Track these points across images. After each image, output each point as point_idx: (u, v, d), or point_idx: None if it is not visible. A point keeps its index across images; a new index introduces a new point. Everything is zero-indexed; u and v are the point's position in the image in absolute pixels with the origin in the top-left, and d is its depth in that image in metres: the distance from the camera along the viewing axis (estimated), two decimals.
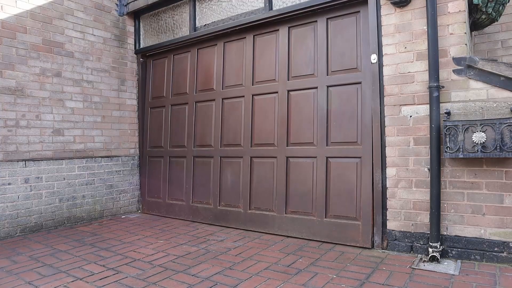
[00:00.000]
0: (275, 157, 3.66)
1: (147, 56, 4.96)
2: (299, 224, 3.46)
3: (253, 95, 3.85)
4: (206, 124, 4.23)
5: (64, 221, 4.14)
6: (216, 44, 4.21)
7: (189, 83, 4.45)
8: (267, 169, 3.72)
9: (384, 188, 3.03)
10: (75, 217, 4.24)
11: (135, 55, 4.94)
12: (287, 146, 3.59)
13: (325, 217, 3.31)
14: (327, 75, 3.39)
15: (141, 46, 4.96)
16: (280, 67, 3.68)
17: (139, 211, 4.89)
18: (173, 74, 4.64)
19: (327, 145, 3.35)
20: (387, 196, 3.01)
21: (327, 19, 3.44)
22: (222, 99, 4.10)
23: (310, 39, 3.53)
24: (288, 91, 3.61)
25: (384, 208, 3.03)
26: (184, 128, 4.44)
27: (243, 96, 3.92)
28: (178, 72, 4.60)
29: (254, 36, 3.92)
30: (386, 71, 3.03)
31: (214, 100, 4.17)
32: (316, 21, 3.51)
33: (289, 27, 3.66)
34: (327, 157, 3.34)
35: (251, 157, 3.83)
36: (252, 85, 3.87)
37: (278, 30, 3.74)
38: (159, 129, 4.73)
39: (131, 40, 4.91)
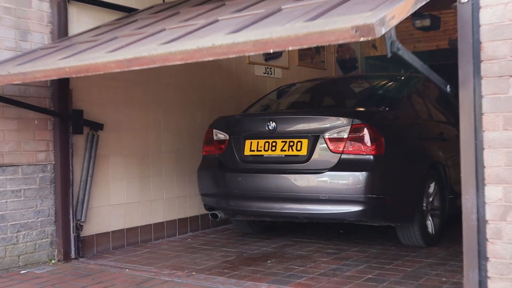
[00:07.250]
0: None
1: None
2: None
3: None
4: None
5: None
6: None
7: None
8: None
9: (481, 222, 1.83)
10: None
11: None
12: None
13: None
14: None
15: None
16: None
17: (54, 260, 3.13)
18: None
19: None
20: (487, 236, 1.82)
21: None
22: None
23: None
24: None
25: (482, 257, 1.83)
26: None
27: None
28: None
29: None
30: (484, 16, 1.83)
31: None
32: None
33: None
34: None
35: None
36: None
37: None
38: None
39: None
